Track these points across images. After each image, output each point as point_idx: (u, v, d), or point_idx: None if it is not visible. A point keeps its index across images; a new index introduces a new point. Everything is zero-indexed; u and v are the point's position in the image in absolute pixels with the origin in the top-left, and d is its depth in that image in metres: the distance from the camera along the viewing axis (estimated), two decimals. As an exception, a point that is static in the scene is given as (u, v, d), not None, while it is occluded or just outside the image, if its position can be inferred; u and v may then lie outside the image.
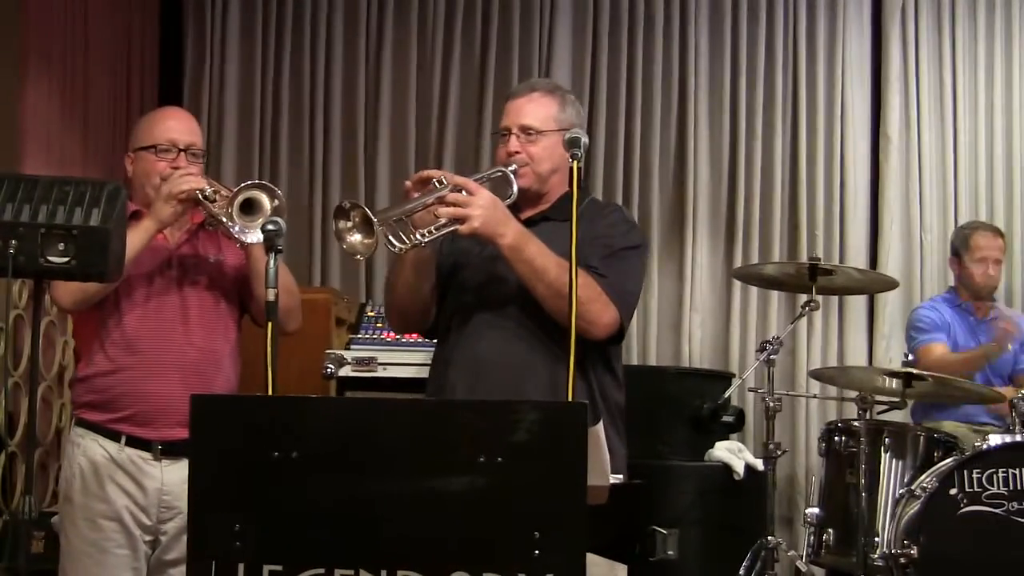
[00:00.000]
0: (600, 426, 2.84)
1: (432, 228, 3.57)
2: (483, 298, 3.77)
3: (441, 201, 3.55)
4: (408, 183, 3.67)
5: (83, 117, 6.21)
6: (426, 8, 7.19)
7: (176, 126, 4.04)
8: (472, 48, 7.19)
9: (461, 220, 3.53)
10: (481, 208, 3.54)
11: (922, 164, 7.04)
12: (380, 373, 5.39)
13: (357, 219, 3.48)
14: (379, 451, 2.62)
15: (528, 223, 3.73)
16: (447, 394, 3.72)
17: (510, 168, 3.75)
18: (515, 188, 3.73)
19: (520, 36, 7.15)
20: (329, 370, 4.75)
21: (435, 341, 3.98)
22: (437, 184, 3.59)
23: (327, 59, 7.20)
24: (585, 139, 3.44)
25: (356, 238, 3.50)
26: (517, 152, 3.78)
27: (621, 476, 3.11)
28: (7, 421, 5.40)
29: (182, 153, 3.97)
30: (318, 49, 7.20)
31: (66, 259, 3.17)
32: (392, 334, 5.48)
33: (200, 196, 3.84)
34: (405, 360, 5.39)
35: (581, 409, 2.63)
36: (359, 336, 5.59)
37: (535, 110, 3.83)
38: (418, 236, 3.56)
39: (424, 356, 5.32)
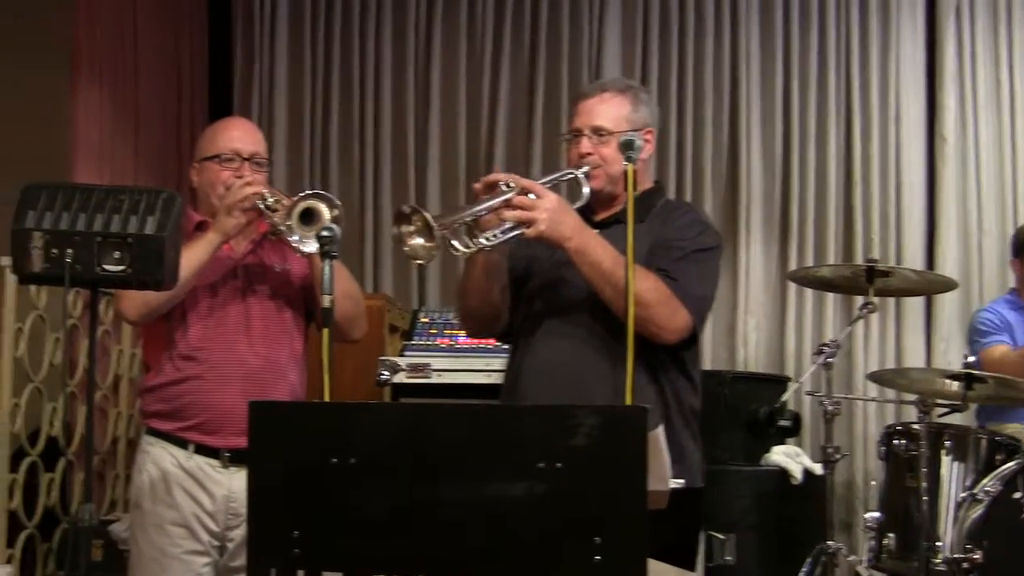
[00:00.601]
0: (660, 430, 2.81)
1: (497, 232, 3.53)
2: (552, 303, 3.74)
3: (507, 204, 3.51)
4: (476, 186, 3.62)
5: (134, 126, 6.25)
6: (475, 10, 7.22)
7: (240, 135, 4.07)
8: (521, 50, 7.21)
9: (527, 224, 3.49)
10: (547, 211, 3.49)
11: (979, 164, 6.96)
12: (434, 379, 5.38)
13: (419, 223, 3.43)
14: (437, 457, 2.62)
15: (601, 225, 3.69)
16: (518, 400, 3.69)
17: (582, 171, 3.72)
18: (587, 190, 3.70)
19: (570, 37, 7.17)
20: (384, 376, 4.75)
21: (494, 347, 3.94)
22: (504, 187, 3.54)
23: (376, 63, 7.25)
24: (640, 141, 3.41)
25: (417, 242, 3.45)
26: (589, 153, 3.74)
27: (683, 481, 3.07)
28: (64, 430, 5.44)
29: (246, 162, 4.00)
30: (367, 54, 7.25)
31: (122, 267, 3.20)
32: (446, 340, 5.48)
33: (261, 205, 3.86)
34: (459, 366, 5.39)
35: (641, 413, 2.59)
36: (413, 343, 5.59)
37: (607, 110, 3.78)
38: (483, 240, 3.52)
39: (478, 362, 5.35)
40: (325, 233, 3.36)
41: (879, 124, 6.99)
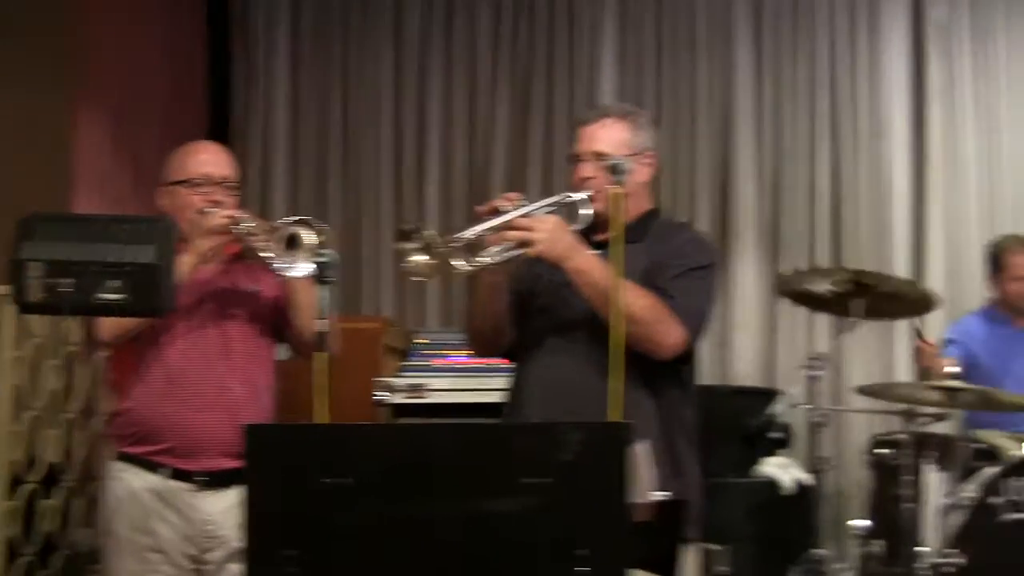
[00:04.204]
0: (644, 445, 2.89)
1: (498, 251, 3.62)
2: (553, 322, 3.82)
3: (508, 225, 3.61)
4: (481, 209, 3.72)
5: (134, 155, 6.27)
6: (473, 32, 7.33)
7: (210, 159, 4.05)
8: (517, 70, 7.35)
9: (526, 244, 3.59)
10: (546, 232, 3.59)
11: (967, 179, 7.09)
12: (431, 399, 5.46)
13: (420, 241, 3.52)
14: (429, 476, 2.67)
15: (602, 246, 3.74)
16: (521, 417, 3.78)
17: (584, 194, 3.79)
18: (589, 213, 3.77)
19: (567, 58, 7.33)
20: (381, 397, 4.81)
21: (491, 366, 4.00)
22: (506, 208, 3.65)
23: (374, 82, 7.35)
24: (629, 165, 3.53)
25: (418, 259, 3.54)
26: (591, 178, 3.81)
27: (669, 493, 3.16)
28: (63, 456, 5.45)
29: (217, 186, 3.99)
30: (365, 73, 7.34)
31: (120, 296, 3.19)
32: (443, 360, 5.56)
33: (241, 229, 3.87)
34: (456, 386, 5.47)
35: (624, 429, 2.69)
36: (410, 363, 5.68)
37: (607, 135, 3.87)
38: (484, 259, 3.62)
39: (474, 382, 5.43)
40: (322, 259, 3.41)
41: (868, 139, 7.13)
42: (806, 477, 5.79)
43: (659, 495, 2.95)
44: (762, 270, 7.12)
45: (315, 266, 3.48)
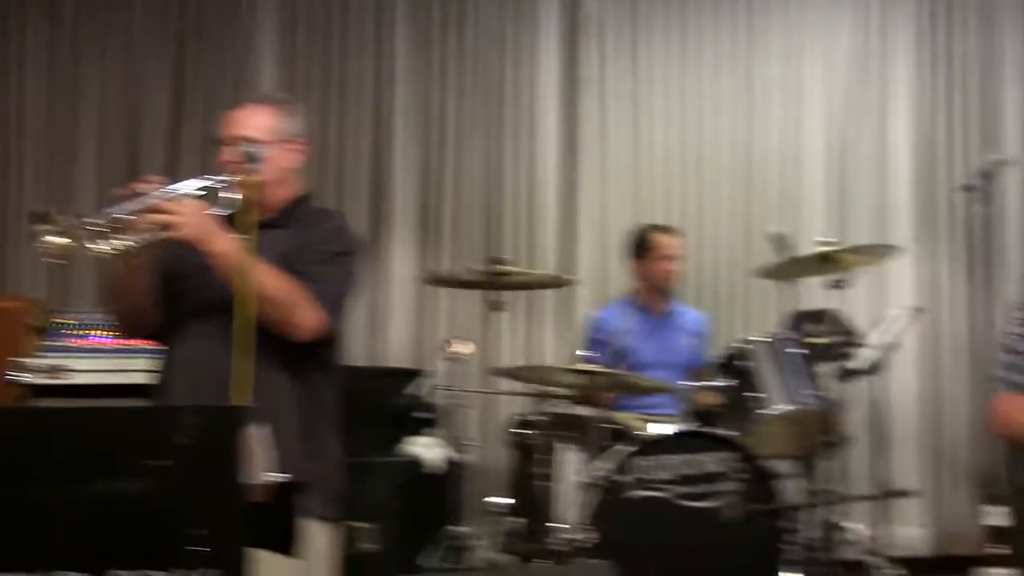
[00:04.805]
0: (260, 428, 2.95)
1: (141, 234, 3.59)
2: (198, 305, 3.83)
3: (150, 208, 3.59)
4: (117, 191, 3.68)
5: None
6: (130, 8, 7.31)
7: None
8: (172, 55, 7.33)
9: (169, 227, 3.59)
10: (187, 215, 3.60)
11: (615, 169, 7.40)
12: (74, 380, 5.38)
13: (57, 223, 3.48)
14: (47, 458, 2.66)
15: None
16: (166, 400, 3.77)
17: (228, 179, 3.79)
18: (232, 197, 3.76)
19: (225, 43, 7.35)
20: (14, 378, 4.72)
21: (133, 347, 3.98)
22: (147, 191, 3.62)
23: (33, 59, 7.25)
24: (264, 152, 3.63)
25: (53, 240, 3.48)
26: (235, 162, 3.81)
27: (288, 476, 3.22)
28: None
29: None
30: (11, 48, 7.22)
31: None
32: (84, 341, 5.48)
33: None
34: (97, 367, 5.39)
35: (239, 412, 2.75)
36: (50, 343, 5.58)
37: (253, 121, 3.91)
38: (125, 241, 3.58)
39: (115, 363, 5.37)
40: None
41: (522, 132, 7.38)
42: (453, 456, 5.93)
43: (275, 476, 3.01)
44: (416, 256, 7.28)
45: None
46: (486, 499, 5.67)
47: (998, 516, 5.19)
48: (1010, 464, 4.87)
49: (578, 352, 5.59)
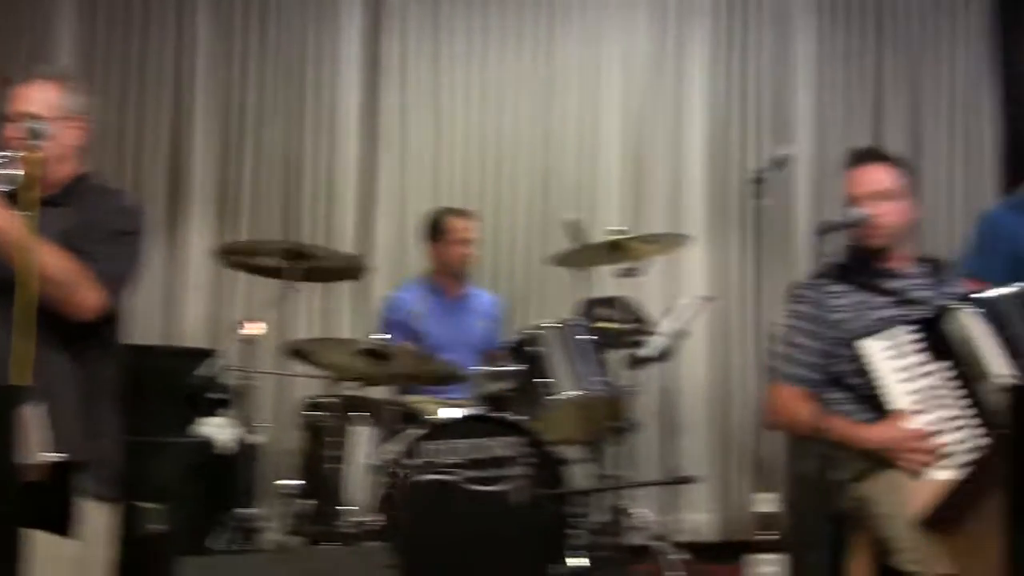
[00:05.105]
0: (34, 408, 2.92)
1: None
2: None
3: None
4: None
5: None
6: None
7: None
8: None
9: None
10: None
11: (416, 154, 7.47)
12: None
13: None
14: None
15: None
16: None
17: (10, 154, 3.71)
18: (14, 173, 3.68)
19: (22, 26, 7.22)
20: None
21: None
22: None
23: None
24: (48, 129, 3.60)
25: None
26: (19, 138, 3.76)
27: (64, 455, 3.19)
28: None
29: None
30: None
31: None
32: None
33: None
34: None
35: (15, 391, 2.73)
36: None
37: (37, 97, 3.87)
38: None
39: None
40: None
41: (323, 116, 7.43)
42: (244, 437, 5.91)
43: (51, 455, 2.99)
44: (212, 235, 7.24)
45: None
46: (277, 481, 5.66)
47: (769, 503, 5.35)
48: (789, 452, 5.06)
49: (372, 335, 5.63)
